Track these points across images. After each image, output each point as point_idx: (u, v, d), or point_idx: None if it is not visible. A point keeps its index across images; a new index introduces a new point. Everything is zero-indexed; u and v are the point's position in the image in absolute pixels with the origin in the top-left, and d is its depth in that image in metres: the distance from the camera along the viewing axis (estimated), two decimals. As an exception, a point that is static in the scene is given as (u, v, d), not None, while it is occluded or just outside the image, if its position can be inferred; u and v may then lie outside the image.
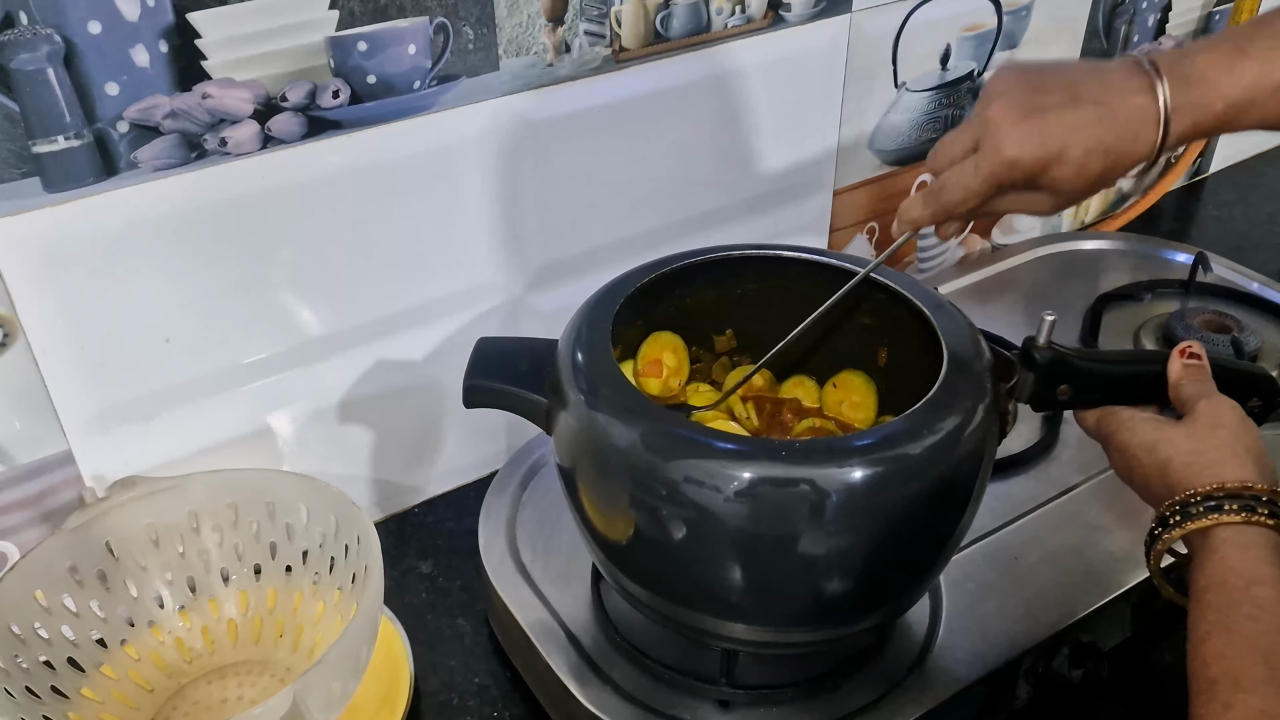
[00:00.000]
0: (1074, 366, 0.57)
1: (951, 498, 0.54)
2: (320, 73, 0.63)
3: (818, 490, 0.50)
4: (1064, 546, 0.71)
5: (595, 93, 0.75)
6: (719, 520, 0.51)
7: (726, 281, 0.68)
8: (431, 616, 0.75)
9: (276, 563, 0.70)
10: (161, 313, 0.65)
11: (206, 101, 0.60)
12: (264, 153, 0.63)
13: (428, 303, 0.76)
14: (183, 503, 0.68)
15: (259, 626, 0.70)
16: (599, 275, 0.82)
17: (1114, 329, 0.94)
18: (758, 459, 0.50)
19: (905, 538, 0.53)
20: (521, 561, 0.70)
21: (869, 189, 0.98)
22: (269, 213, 0.65)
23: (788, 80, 0.85)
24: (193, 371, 0.68)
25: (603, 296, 0.62)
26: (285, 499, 0.68)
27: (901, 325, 0.64)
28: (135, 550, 0.67)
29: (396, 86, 0.66)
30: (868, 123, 0.94)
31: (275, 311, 0.69)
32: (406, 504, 0.83)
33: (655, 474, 0.51)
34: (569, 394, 0.56)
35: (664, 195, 0.83)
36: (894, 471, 0.51)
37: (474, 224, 0.74)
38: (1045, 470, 0.78)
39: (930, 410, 0.53)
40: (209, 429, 0.70)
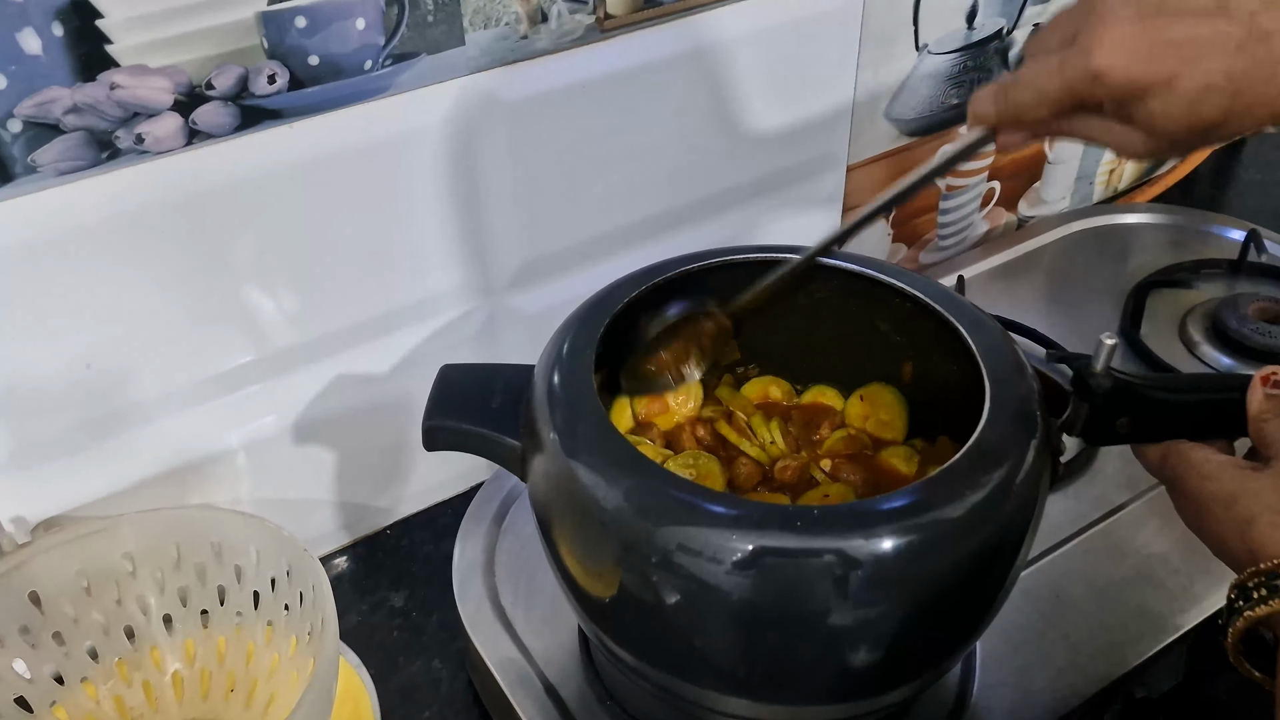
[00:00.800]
0: (1138, 396, 0.49)
1: (998, 559, 0.46)
2: (252, 55, 0.54)
3: (840, 564, 0.42)
4: (1111, 580, 0.63)
5: (577, 67, 0.65)
6: (720, 594, 0.43)
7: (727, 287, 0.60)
8: (404, 658, 0.67)
9: (225, 608, 0.62)
10: (78, 336, 0.56)
11: (116, 93, 0.51)
12: (190, 149, 0.54)
13: (394, 310, 0.67)
14: (117, 545, 0.60)
15: (207, 681, 0.63)
16: (588, 271, 0.75)
17: (1157, 317, 0.86)
18: (766, 528, 0.42)
19: (943, 607, 0.45)
20: (501, 605, 0.63)
21: (886, 163, 0.88)
22: (200, 218, 0.56)
23: (797, 46, 0.75)
24: (121, 399, 0.59)
25: (585, 314, 0.53)
26: (233, 539, 0.60)
27: (929, 339, 0.55)
28: (64, 600, 0.59)
29: (344, 68, 0.57)
30: (885, 90, 0.84)
31: (214, 330, 0.60)
32: (378, 525, 0.76)
33: (645, 540, 0.43)
34: (543, 436, 0.48)
35: (659, 180, 0.74)
36: (932, 539, 0.42)
37: (443, 220, 0.66)
38: (1086, 487, 0.70)
39: (973, 460, 0.44)
40: (145, 461, 0.62)
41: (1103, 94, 0.42)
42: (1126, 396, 0.49)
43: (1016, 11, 0.87)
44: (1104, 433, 0.50)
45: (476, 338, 0.72)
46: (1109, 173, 1.08)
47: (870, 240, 0.93)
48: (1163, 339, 0.83)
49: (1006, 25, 0.88)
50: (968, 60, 0.87)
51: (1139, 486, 0.69)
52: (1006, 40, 0.89)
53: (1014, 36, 0.89)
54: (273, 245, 0.60)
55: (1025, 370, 0.50)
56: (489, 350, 0.73)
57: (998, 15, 0.87)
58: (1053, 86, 0.43)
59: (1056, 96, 0.43)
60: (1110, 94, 0.42)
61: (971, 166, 0.95)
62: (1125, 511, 0.67)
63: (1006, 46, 0.89)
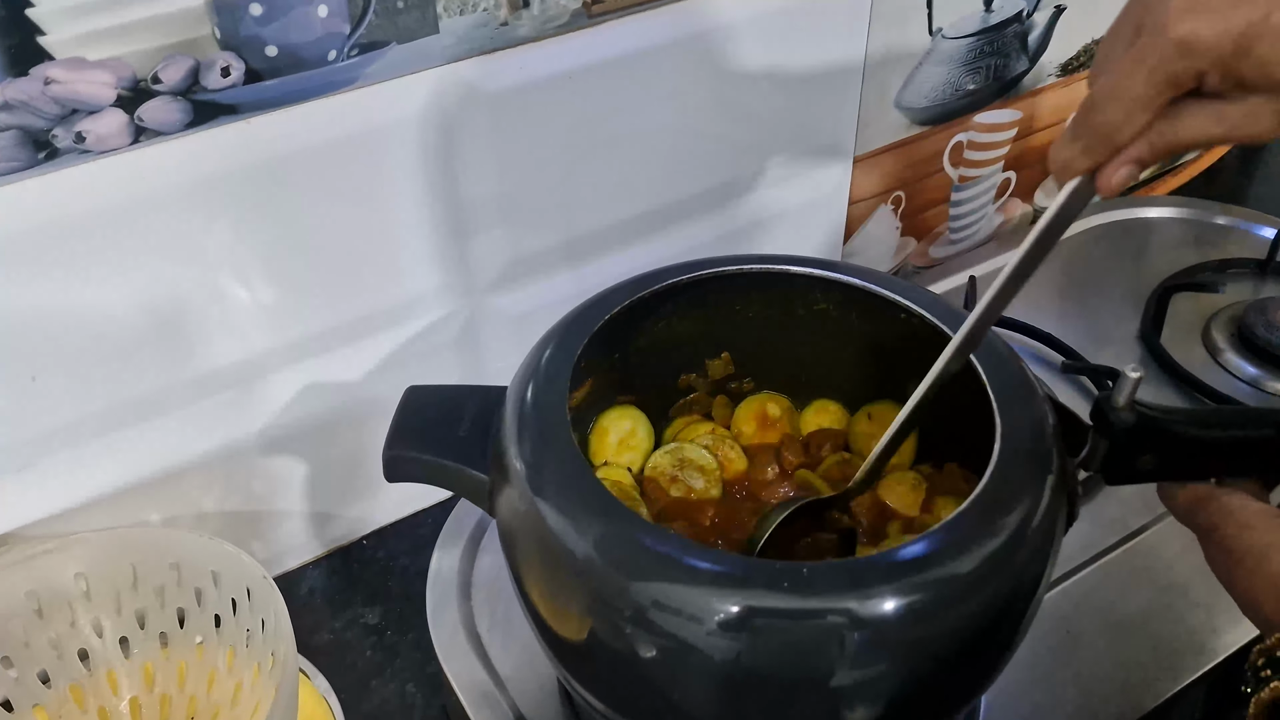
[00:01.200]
0: (1164, 432, 0.45)
1: (1009, 613, 0.42)
2: (203, 45, 0.49)
3: (833, 627, 0.38)
4: (1126, 614, 0.59)
5: (563, 55, 0.61)
6: (699, 654, 0.39)
7: (721, 299, 0.56)
8: (376, 681, 0.64)
9: (186, 631, 0.59)
10: (18, 347, 0.52)
11: (51, 89, 0.47)
12: (136, 148, 0.50)
13: (369, 314, 0.63)
14: (70, 564, 0.57)
15: (167, 707, 0.59)
16: (576, 271, 0.70)
17: (1180, 322, 0.81)
18: (751, 586, 0.38)
19: (948, 665, 0.41)
20: (476, 632, 0.59)
21: (895, 154, 0.84)
22: (150, 221, 0.52)
23: (801, 31, 0.70)
24: (71, 412, 0.55)
25: (562, 333, 0.49)
26: (192, 560, 0.57)
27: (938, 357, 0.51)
28: (14, 623, 0.56)
29: (305, 59, 0.52)
30: (895, 77, 0.79)
31: (169, 338, 0.56)
32: (353, 535, 0.72)
33: (618, 594, 0.39)
34: (511, 469, 0.44)
35: (652, 175, 0.70)
36: (938, 599, 0.38)
37: (420, 220, 0.61)
38: (1101, 509, 0.66)
39: (982, 510, 0.40)
40: (100, 476, 0.59)
41: (1199, 66, 0.35)
42: (1151, 433, 0.45)
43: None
44: (1125, 471, 0.46)
45: (457, 342, 0.68)
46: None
47: (877, 233, 0.89)
48: (1185, 345, 0.79)
49: (1026, 8, 0.82)
50: (985, 45, 0.82)
51: (1157, 509, 0.64)
52: (1026, 23, 0.83)
53: (1034, 19, 0.84)
54: (232, 249, 0.56)
55: (1040, 403, 0.46)
56: (470, 354, 0.69)
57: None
58: (1138, 84, 0.36)
59: (1147, 93, 0.36)
60: (1208, 61, 0.35)
61: (985, 156, 0.90)
62: (1142, 537, 0.63)
63: (1026, 30, 0.84)
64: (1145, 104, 0.36)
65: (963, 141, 0.88)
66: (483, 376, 0.70)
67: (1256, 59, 0.34)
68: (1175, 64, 0.35)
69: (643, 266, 0.69)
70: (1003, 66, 0.85)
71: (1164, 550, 0.62)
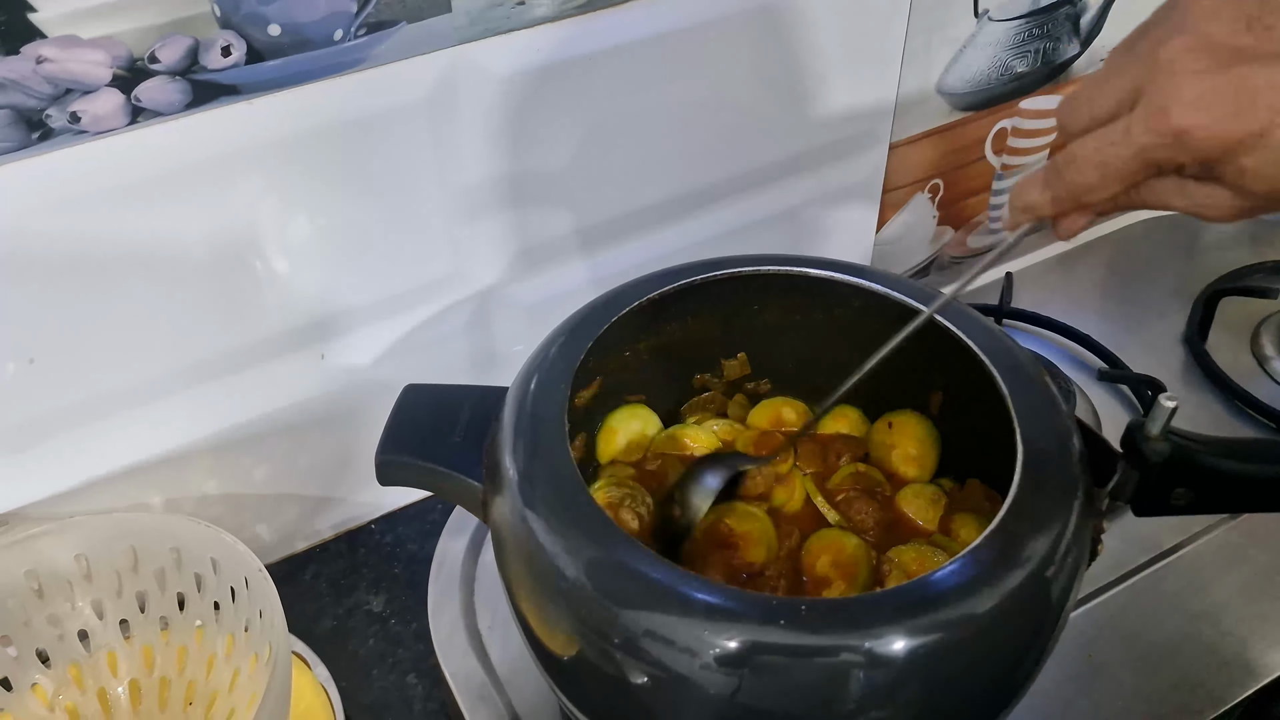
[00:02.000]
0: (1200, 465, 0.42)
1: (1025, 654, 0.40)
2: (203, 24, 0.47)
3: (833, 666, 0.36)
4: (1152, 642, 0.56)
5: (581, 37, 0.58)
6: (691, 686, 0.37)
7: (738, 300, 0.53)
8: (378, 671, 0.63)
9: (186, 616, 0.58)
10: (17, 327, 0.51)
11: (44, 67, 0.45)
12: (134, 129, 0.48)
13: (378, 299, 0.61)
14: (70, 545, 0.56)
15: (166, 690, 0.59)
16: (592, 259, 0.68)
17: (1228, 326, 0.77)
18: (748, 620, 0.36)
19: (956, 707, 0.39)
20: (477, 630, 0.58)
21: (934, 140, 0.80)
22: (151, 202, 0.51)
23: (835, 10, 0.67)
24: (72, 395, 0.55)
25: (565, 337, 0.47)
26: (190, 547, 0.56)
27: (962, 371, 0.48)
28: (13, 602, 0.56)
29: (311, 38, 0.50)
30: (937, 60, 0.76)
31: (174, 321, 0.55)
32: (362, 519, 0.71)
33: (607, 621, 0.38)
34: (504, 478, 0.42)
35: (671, 162, 0.67)
36: (948, 642, 0.36)
37: (428, 205, 0.59)
38: (1130, 525, 0.62)
39: (999, 547, 0.38)
40: (101, 458, 0.58)
41: (1186, 157, 0.36)
42: (1187, 465, 0.42)
43: (1093, -26, 0.78)
44: (1158, 504, 0.43)
45: (467, 328, 0.66)
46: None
47: (913, 222, 0.85)
48: (1231, 351, 0.75)
49: (1080, -11, 0.78)
50: (1034, 27, 0.78)
51: (1192, 529, 0.62)
52: (1079, 5, 0.79)
53: (1087, 1, 0.79)
54: (237, 233, 0.54)
55: (1067, 429, 0.43)
56: (481, 341, 0.67)
57: (1071, -22, 0.77)
58: (1122, 157, 0.36)
59: (1128, 168, 0.37)
60: (1195, 156, 0.35)
61: (1030, 144, 0.86)
62: (1175, 558, 0.60)
63: (1079, 13, 0.80)
64: (1125, 178, 0.37)
65: (1007, 128, 0.84)
66: (493, 363, 0.68)
67: (1240, 166, 0.35)
68: (1164, 150, 0.36)
69: (661, 255, 0.67)
70: (1052, 50, 0.81)
71: (1198, 572, 0.59)
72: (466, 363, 0.67)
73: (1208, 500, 0.43)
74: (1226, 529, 0.61)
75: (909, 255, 0.87)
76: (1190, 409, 0.72)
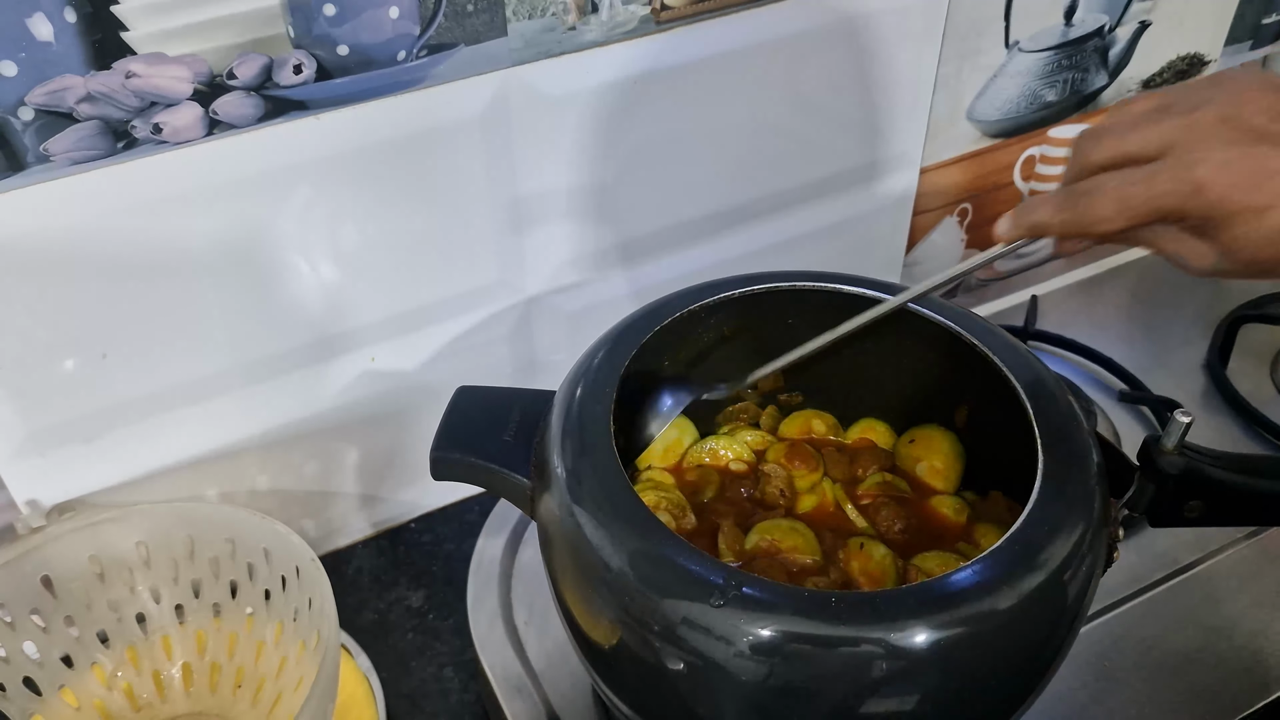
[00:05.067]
0: (1213, 479, 0.44)
1: (1042, 654, 0.42)
2: (277, 44, 0.51)
3: (868, 659, 0.38)
4: (1166, 652, 0.58)
5: (629, 61, 0.61)
6: (726, 674, 0.40)
7: (773, 314, 0.56)
8: (417, 664, 0.65)
9: (237, 603, 0.61)
10: (93, 325, 0.54)
11: (132, 82, 0.48)
12: (210, 140, 0.52)
13: (426, 305, 0.64)
14: (130, 533, 0.59)
15: (216, 674, 0.62)
16: (632, 272, 0.71)
17: (1249, 353, 0.79)
18: (779, 611, 0.38)
19: (975, 701, 0.41)
20: (514, 624, 0.60)
21: (964, 165, 0.83)
22: (221, 210, 0.54)
23: (869, 41, 0.70)
24: (139, 389, 0.58)
25: (611, 343, 0.50)
26: (244, 537, 0.59)
27: (988, 386, 0.50)
28: (77, 585, 0.59)
29: (375, 59, 0.53)
30: (968, 89, 0.78)
31: (235, 321, 0.58)
32: (402, 518, 0.74)
33: (648, 610, 0.40)
34: (552, 476, 0.45)
35: (712, 180, 0.70)
36: (968, 636, 0.38)
37: (478, 216, 0.62)
38: (1150, 540, 0.65)
39: (1018, 550, 0.40)
40: (162, 450, 0.61)
41: (1194, 210, 0.39)
42: (1200, 479, 0.44)
43: (1120, 8, 0.80)
44: (1171, 515, 0.45)
45: (511, 336, 0.69)
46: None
47: (942, 244, 0.88)
48: (1252, 378, 0.77)
49: (1109, 22, 0.80)
50: (1063, 59, 0.80)
51: (1209, 546, 0.64)
52: (1108, 38, 0.81)
53: (1116, 34, 0.81)
54: (299, 239, 0.57)
55: (1086, 441, 0.45)
56: (524, 349, 0.70)
57: (1099, 12, 0.79)
58: (1141, 197, 0.40)
59: (1143, 208, 0.40)
60: (1202, 211, 0.39)
61: (1058, 171, 0.88)
62: (1192, 574, 0.62)
63: (1107, 45, 0.82)
64: (1137, 217, 0.40)
65: (1035, 155, 0.86)
66: (535, 370, 0.71)
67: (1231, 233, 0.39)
68: (1179, 200, 0.39)
69: (699, 269, 0.70)
70: (1081, 80, 0.83)
71: (1214, 589, 0.61)
72: (509, 368, 0.70)
73: (1219, 513, 0.45)
74: (1244, 546, 0.63)
75: (936, 276, 0.89)
76: (1210, 433, 0.74)
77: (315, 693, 0.50)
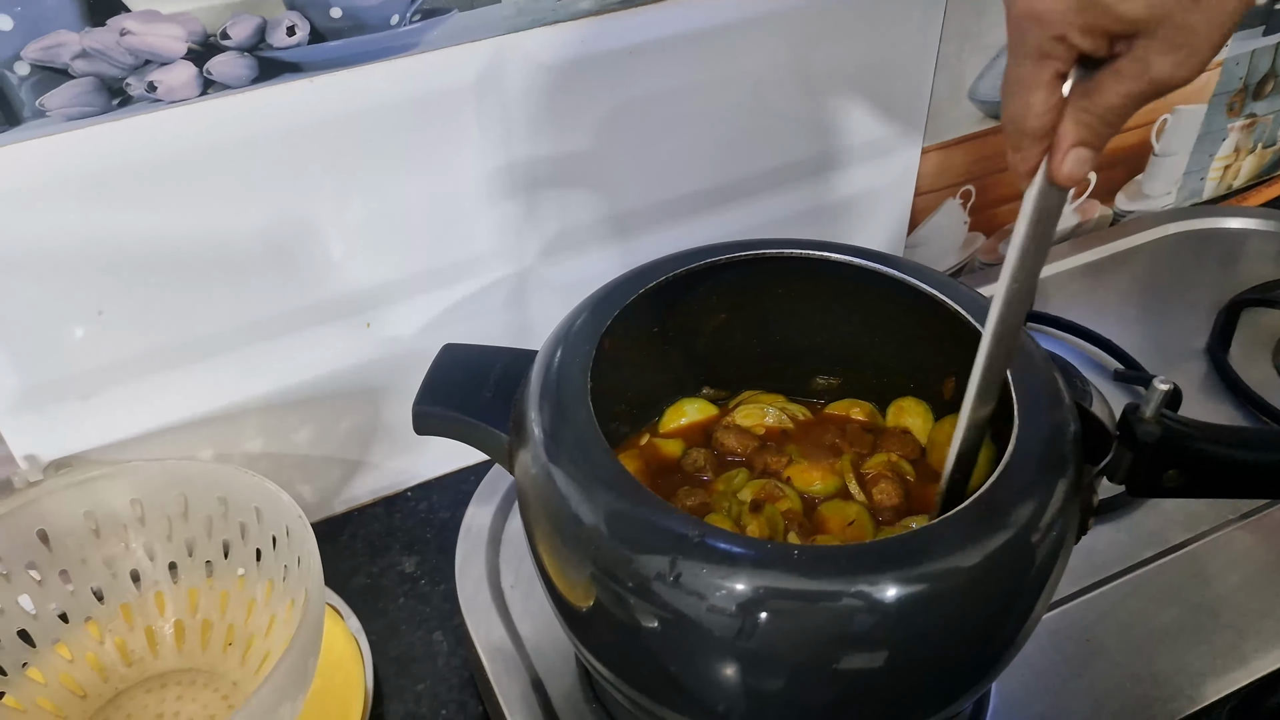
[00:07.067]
0: (1191, 449, 0.44)
1: (1011, 614, 0.42)
2: (271, 5, 0.51)
3: (832, 611, 0.38)
4: (1151, 629, 0.58)
5: (626, 30, 0.61)
6: (700, 629, 0.40)
7: (763, 282, 0.56)
8: (406, 628, 0.66)
9: (229, 562, 0.62)
10: (90, 282, 0.55)
11: (126, 39, 0.49)
12: (204, 100, 0.52)
13: (419, 273, 0.65)
14: (126, 490, 0.60)
15: (208, 631, 0.63)
16: (626, 245, 0.71)
17: (1250, 338, 0.78)
18: (752, 565, 0.39)
19: (947, 661, 0.41)
20: (500, 588, 0.61)
21: (966, 147, 0.82)
22: (214, 169, 0.55)
23: (870, 17, 0.70)
24: (135, 346, 0.59)
25: (593, 305, 0.50)
26: (237, 496, 0.60)
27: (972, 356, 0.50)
28: (72, 540, 0.60)
29: (368, 22, 0.54)
30: (971, 68, 0.78)
31: (230, 282, 0.59)
32: (398, 486, 0.75)
33: (621, 565, 0.40)
34: (529, 432, 0.45)
35: (709, 154, 0.70)
36: (931, 592, 0.38)
37: (472, 184, 0.63)
38: (1141, 520, 0.64)
39: (988, 506, 0.40)
40: (159, 409, 0.62)
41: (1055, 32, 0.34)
42: (1178, 447, 0.44)
43: (1128, -12, 0.79)
44: (1150, 484, 0.45)
45: (505, 305, 0.69)
46: (1223, 169, 0.99)
47: (944, 224, 0.87)
48: (1254, 363, 0.76)
49: None
50: (1068, 39, 0.80)
51: (1200, 526, 0.63)
52: (1115, 19, 0.81)
53: (1123, 16, 0.81)
54: (293, 202, 0.58)
55: (1065, 409, 0.45)
56: (518, 319, 0.70)
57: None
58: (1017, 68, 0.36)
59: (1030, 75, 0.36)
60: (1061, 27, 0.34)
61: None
62: (1180, 553, 0.62)
63: (1114, 26, 0.81)
64: (1034, 85, 0.36)
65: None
66: (528, 340, 0.71)
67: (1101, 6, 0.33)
68: (1033, 37, 0.35)
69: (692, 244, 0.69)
70: (1087, 62, 0.82)
71: (1202, 568, 0.61)
72: (503, 338, 0.70)
73: (1199, 483, 0.45)
74: (1235, 527, 0.63)
75: (940, 259, 0.89)
76: (1210, 417, 0.73)
77: (296, 643, 0.50)
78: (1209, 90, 0.92)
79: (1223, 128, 0.96)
